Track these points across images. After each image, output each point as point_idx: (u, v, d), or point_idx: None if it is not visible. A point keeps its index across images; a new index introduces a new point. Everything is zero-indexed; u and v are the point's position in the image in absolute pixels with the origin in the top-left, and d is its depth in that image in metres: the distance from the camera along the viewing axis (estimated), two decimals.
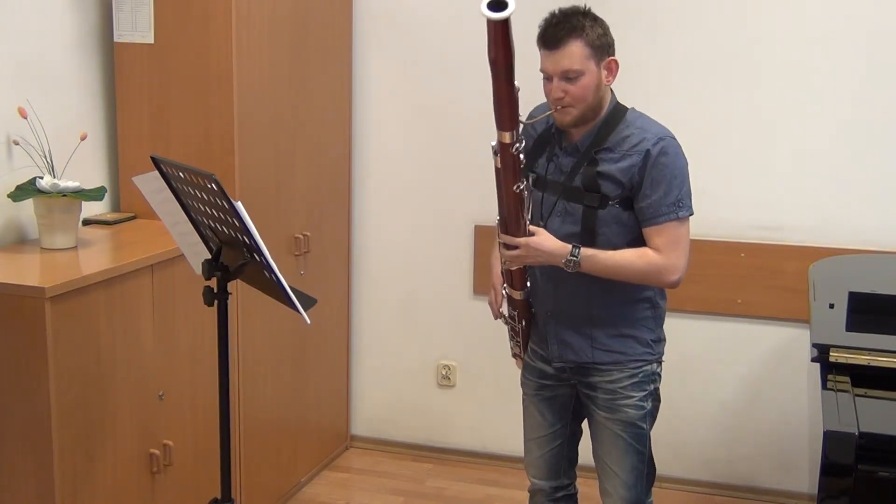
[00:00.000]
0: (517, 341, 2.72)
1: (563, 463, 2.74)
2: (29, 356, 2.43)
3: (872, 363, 2.42)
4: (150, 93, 3.17)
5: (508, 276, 2.56)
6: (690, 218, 2.45)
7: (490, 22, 2.07)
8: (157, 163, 2.31)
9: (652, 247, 2.42)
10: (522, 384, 2.76)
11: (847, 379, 2.39)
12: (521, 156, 2.31)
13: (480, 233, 3.85)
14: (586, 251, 2.40)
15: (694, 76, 3.53)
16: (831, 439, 2.13)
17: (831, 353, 2.44)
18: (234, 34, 3.05)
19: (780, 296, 3.54)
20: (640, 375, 2.53)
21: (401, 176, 3.95)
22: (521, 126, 2.30)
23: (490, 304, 2.75)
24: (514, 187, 2.33)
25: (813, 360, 2.49)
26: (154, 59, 3.14)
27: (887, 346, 2.45)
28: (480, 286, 3.90)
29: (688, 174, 2.45)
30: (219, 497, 2.47)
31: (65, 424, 2.48)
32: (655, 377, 2.57)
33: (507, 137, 2.26)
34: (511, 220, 2.39)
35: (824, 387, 2.37)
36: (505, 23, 2.07)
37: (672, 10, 3.54)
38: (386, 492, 3.79)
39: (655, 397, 2.59)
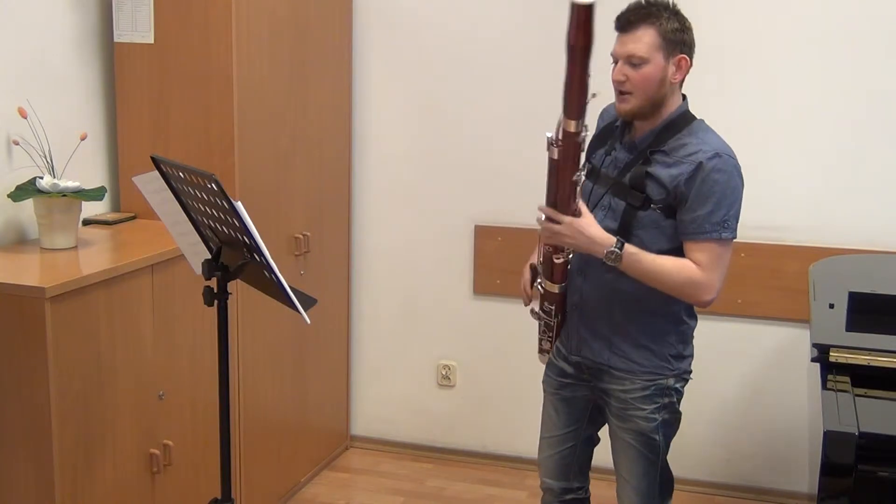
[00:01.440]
0: (548, 336, 2.63)
1: (573, 466, 2.70)
2: (29, 356, 2.43)
3: (872, 363, 2.42)
4: (150, 93, 3.17)
5: (549, 268, 2.48)
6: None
7: (575, 6, 2.08)
8: (157, 163, 2.31)
9: (692, 261, 2.36)
10: (543, 381, 2.72)
11: (847, 379, 2.39)
12: (584, 144, 2.29)
13: (480, 233, 3.84)
14: (631, 248, 2.34)
15: (692, 76, 3.51)
16: (831, 439, 2.13)
17: (831, 353, 2.45)
18: (234, 34, 3.05)
19: (780, 296, 3.54)
20: (653, 388, 2.48)
21: (401, 176, 3.95)
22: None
23: (522, 289, 2.66)
24: (574, 176, 2.29)
25: (813, 360, 2.49)
26: (154, 59, 3.14)
27: (887, 346, 2.45)
28: (480, 286, 3.90)
29: (740, 197, 2.37)
30: (219, 497, 2.47)
31: (65, 424, 2.48)
32: (672, 392, 2.50)
33: (573, 126, 2.23)
34: (562, 204, 2.34)
35: (824, 387, 2.37)
36: (589, 9, 2.08)
37: None
38: (386, 492, 3.79)
39: (672, 410, 2.52)
